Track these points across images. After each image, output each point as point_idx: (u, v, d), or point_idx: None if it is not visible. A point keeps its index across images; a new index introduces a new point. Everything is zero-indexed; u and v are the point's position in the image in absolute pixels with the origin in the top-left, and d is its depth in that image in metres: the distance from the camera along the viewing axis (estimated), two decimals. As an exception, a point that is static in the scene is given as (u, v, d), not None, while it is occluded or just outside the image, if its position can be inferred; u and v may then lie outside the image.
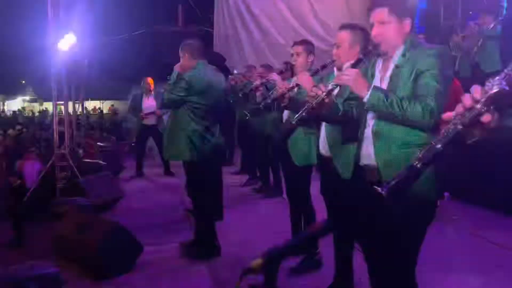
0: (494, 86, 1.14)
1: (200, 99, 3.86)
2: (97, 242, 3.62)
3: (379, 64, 2.37)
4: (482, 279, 3.49)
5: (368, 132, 2.30)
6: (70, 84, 9.01)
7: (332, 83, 2.31)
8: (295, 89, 3.12)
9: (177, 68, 3.91)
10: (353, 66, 2.32)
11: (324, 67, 3.23)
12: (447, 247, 4.09)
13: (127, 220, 5.12)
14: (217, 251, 4.10)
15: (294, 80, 3.05)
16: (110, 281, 3.64)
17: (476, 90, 1.17)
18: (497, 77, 1.16)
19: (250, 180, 7.14)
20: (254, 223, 5.11)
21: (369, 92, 2.13)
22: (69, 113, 9.01)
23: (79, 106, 10.23)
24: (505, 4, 7.04)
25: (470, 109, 1.16)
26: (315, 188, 3.51)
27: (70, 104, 9.16)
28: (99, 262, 3.67)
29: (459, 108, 1.18)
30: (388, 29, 2.25)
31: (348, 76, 2.21)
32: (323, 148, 3.08)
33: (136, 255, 3.90)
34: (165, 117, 7.40)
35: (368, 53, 2.33)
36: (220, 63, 5.04)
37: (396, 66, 2.24)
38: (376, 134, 2.24)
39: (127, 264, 3.82)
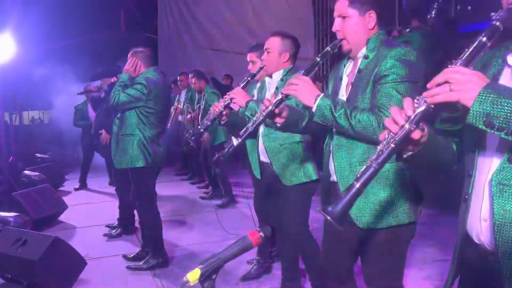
0: (422, 103, 1.17)
1: (154, 104, 3.79)
2: (36, 258, 3.44)
3: (349, 66, 2.14)
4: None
5: (330, 145, 2.13)
6: (6, 93, 8.61)
7: (282, 93, 2.04)
8: (230, 105, 2.94)
9: (129, 72, 3.82)
10: (307, 71, 2.03)
11: (253, 76, 3.17)
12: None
13: (69, 234, 4.97)
14: (165, 261, 4.02)
15: (227, 95, 2.97)
16: (52, 298, 3.48)
17: (407, 105, 1.19)
18: (424, 94, 1.18)
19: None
20: (201, 232, 5.06)
21: (316, 102, 1.92)
22: (6, 123, 8.61)
23: (16, 116, 9.79)
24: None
25: (401, 127, 1.18)
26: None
27: (7, 114, 8.76)
28: (39, 279, 3.49)
29: (389, 124, 1.20)
30: (349, 23, 2.01)
31: (296, 85, 1.97)
32: (264, 154, 3.06)
33: (79, 270, 3.75)
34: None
35: (326, 54, 2.06)
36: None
37: (359, 71, 2.03)
38: (336, 148, 2.08)
39: (69, 279, 3.67)
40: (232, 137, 2.18)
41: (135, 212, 4.58)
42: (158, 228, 4.03)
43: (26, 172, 7.00)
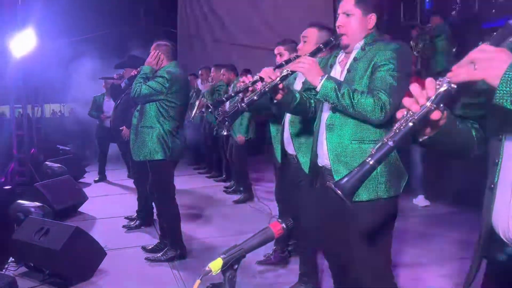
0: (444, 84, 1.15)
1: (174, 98, 3.82)
2: (58, 248, 3.51)
3: (340, 56, 2.37)
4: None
5: (322, 124, 2.31)
6: (28, 86, 8.76)
7: (287, 69, 2.27)
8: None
9: (151, 64, 3.85)
10: (312, 54, 2.28)
11: (288, 61, 3.22)
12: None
13: (89, 225, 5.05)
14: (183, 253, 4.06)
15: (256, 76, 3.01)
16: (72, 287, 3.55)
17: (429, 85, 1.17)
18: (447, 75, 1.16)
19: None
20: (218, 226, 5.09)
21: (321, 82, 2.12)
22: (28, 117, 8.77)
23: (38, 109, 9.94)
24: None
25: (421, 106, 1.16)
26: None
27: (29, 107, 8.91)
28: (61, 268, 3.57)
29: (409, 103, 1.18)
30: (352, 20, 2.24)
31: (304, 63, 2.17)
32: (289, 146, 3.08)
33: (99, 260, 3.82)
34: None
35: (329, 43, 2.31)
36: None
37: (354, 59, 2.25)
38: (329, 127, 2.25)
39: (89, 270, 3.74)
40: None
41: (153, 204, 4.65)
42: (177, 220, 4.06)
43: (48, 163, 7.11)
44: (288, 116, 3.03)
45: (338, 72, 2.33)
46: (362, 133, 2.18)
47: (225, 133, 2.98)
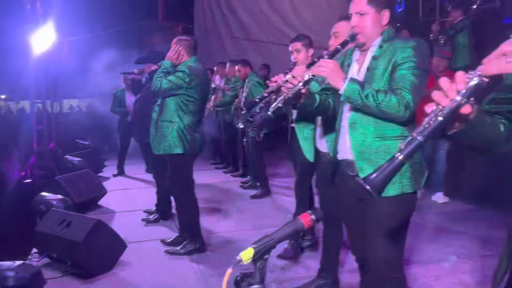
0: (475, 77, 1.14)
1: (194, 93, 3.85)
2: (80, 240, 3.57)
3: (356, 54, 2.37)
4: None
5: (344, 123, 2.31)
6: (48, 82, 8.89)
7: (309, 74, 2.25)
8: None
9: (171, 59, 3.88)
10: (331, 56, 2.27)
11: (320, 57, 3.19)
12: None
13: (109, 218, 5.12)
14: (202, 247, 4.09)
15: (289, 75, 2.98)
16: (94, 279, 3.61)
17: (459, 79, 1.15)
18: (478, 69, 1.15)
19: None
20: (236, 220, 5.12)
21: (345, 84, 2.11)
22: (47, 112, 8.90)
23: (57, 104, 10.08)
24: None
25: (451, 100, 1.15)
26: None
27: (48, 102, 9.04)
28: (83, 260, 3.63)
29: (439, 97, 1.17)
30: (366, 19, 2.24)
31: (324, 67, 2.17)
32: (322, 144, 3.08)
33: (119, 252, 3.87)
34: None
35: (346, 43, 2.31)
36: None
37: (374, 58, 2.24)
38: (352, 126, 2.26)
39: (110, 262, 3.79)
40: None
41: (172, 198, 4.69)
42: (196, 214, 4.10)
43: (68, 157, 7.21)
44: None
45: (355, 70, 2.33)
46: (385, 130, 2.19)
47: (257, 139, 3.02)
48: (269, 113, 2.29)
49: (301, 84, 2.25)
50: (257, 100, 2.59)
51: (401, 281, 2.33)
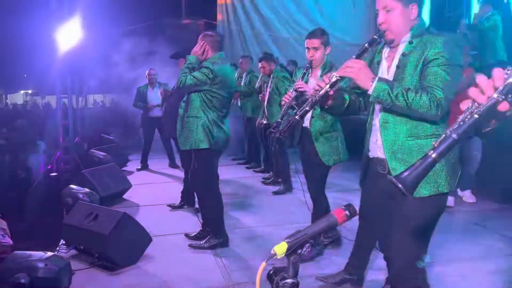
0: None
1: (219, 89, 3.86)
2: (107, 232, 3.63)
3: (386, 51, 2.30)
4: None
5: (375, 122, 2.28)
6: (74, 77, 9.04)
7: (336, 75, 2.18)
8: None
9: (197, 54, 3.90)
10: (358, 56, 2.19)
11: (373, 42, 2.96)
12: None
13: (133, 212, 5.19)
14: (225, 241, 4.12)
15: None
16: (120, 271, 3.67)
17: (497, 75, 1.12)
18: None
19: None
20: (258, 216, 5.13)
21: (373, 85, 2.05)
22: (72, 106, 9.06)
23: (82, 99, 10.26)
24: None
25: (488, 97, 1.11)
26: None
27: (73, 97, 9.20)
28: (109, 252, 3.69)
29: (475, 94, 1.14)
30: (393, 15, 2.16)
31: (352, 68, 2.09)
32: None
33: (145, 245, 3.93)
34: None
35: (374, 41, 2.23)
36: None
37: (403, 54, 2.18)
38: (383, 125, 2.22)
39: (136, 254, 3.85)
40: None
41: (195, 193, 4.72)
42: (220, 208, 4.11)
43: (94, 151, 7.33)
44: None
45: (385, 68, 2.27)
46: (418, 129, 2.14)
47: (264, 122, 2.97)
48: (296, 117, 2.28)
49: (328, 86, 2.19)
50: (297, 118, 2.49)
51: (423, 281, 2.31)
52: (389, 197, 2.26)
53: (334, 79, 2.18)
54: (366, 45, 2.21)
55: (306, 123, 3.59)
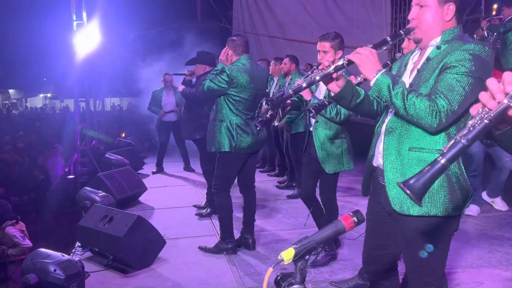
0: None
1: (238, 92, 3.86)
2: (121, 235, 3.67)
3: (415, 55, 2.13)
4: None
5: (383, 126, 2.11)
6: (91, 81, 9.18)
7: (343, 58, 2.01)
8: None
9: (222, 61, 3.93)
10: (376, 46, 2.00)
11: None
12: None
13: (148, 215, 5.23)
14: (234, 246, 4.08)
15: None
16: (134, 273, 3.70)
17: (508, 80, 1.09)
18: None
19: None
20: (272, 220, 5.13)
21: (376, 76, 1.91)
22: (90, 110, 9.18)
23: (99, 103, 10.38)
24: None
25: (498, 102, 1.08)
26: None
27: (91, 101, 9.33)
28: (123, 254, 3.72)
29: (485, 99, 1.11)
30: (426, 12, 1.97)
31: (361, 54, 1.94)
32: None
33: (159, 248, 3.96)
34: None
35: (397, 36, 2.05)
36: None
37: (427, 59, 1.99)
38: (388, 130, 2.05)
39: (149, 257, 3.88)
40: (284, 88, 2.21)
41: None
42: (228, 212, 4.08)
43: (111, 155, 7.42)
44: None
45: (408, 71, 2.11)
46: (425, 142, 1.95)
47: (276, 124, 2.94)
48: (290, 91, 2.13)
49: (331, 68, 2.02)
50: (326, 102, 2.38)
51: None
52: (386, 212, 2.13)
53: (340, 62, 2.01)
54: (388, 38, 2.04)
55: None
